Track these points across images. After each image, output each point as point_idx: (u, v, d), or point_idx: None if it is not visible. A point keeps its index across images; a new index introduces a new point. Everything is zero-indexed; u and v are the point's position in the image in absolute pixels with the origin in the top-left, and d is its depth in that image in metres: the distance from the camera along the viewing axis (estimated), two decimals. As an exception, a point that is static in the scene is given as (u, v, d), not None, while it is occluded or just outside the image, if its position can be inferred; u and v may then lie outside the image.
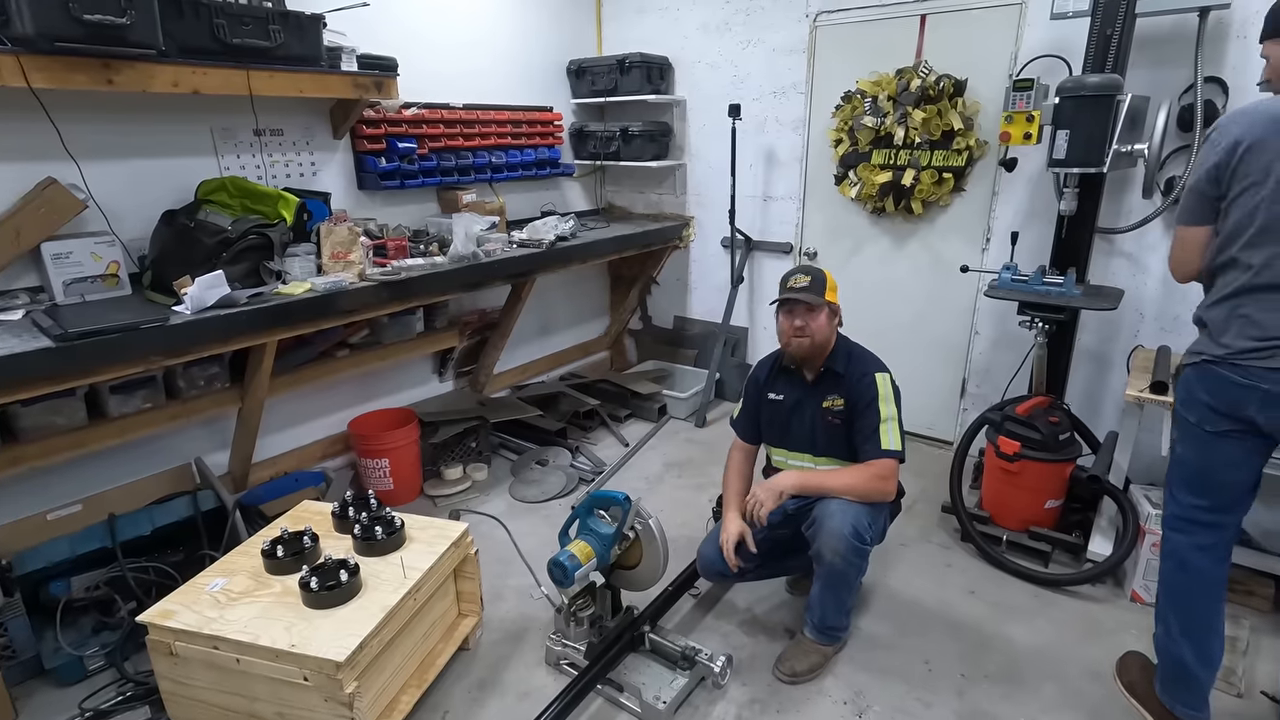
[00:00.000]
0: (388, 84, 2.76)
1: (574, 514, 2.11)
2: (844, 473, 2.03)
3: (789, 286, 2.08)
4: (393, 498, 3.06)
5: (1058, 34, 2.77)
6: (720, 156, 3.84)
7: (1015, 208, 3.11)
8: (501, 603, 2.46)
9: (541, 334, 4.25)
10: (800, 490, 2.02)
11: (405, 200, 3.34)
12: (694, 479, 3.35)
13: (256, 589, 1.88)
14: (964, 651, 2.20)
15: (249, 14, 2.27)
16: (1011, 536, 2.65)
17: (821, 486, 2.01)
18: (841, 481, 2.00)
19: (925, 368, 3.51)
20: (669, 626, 2.28)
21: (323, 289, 2.40)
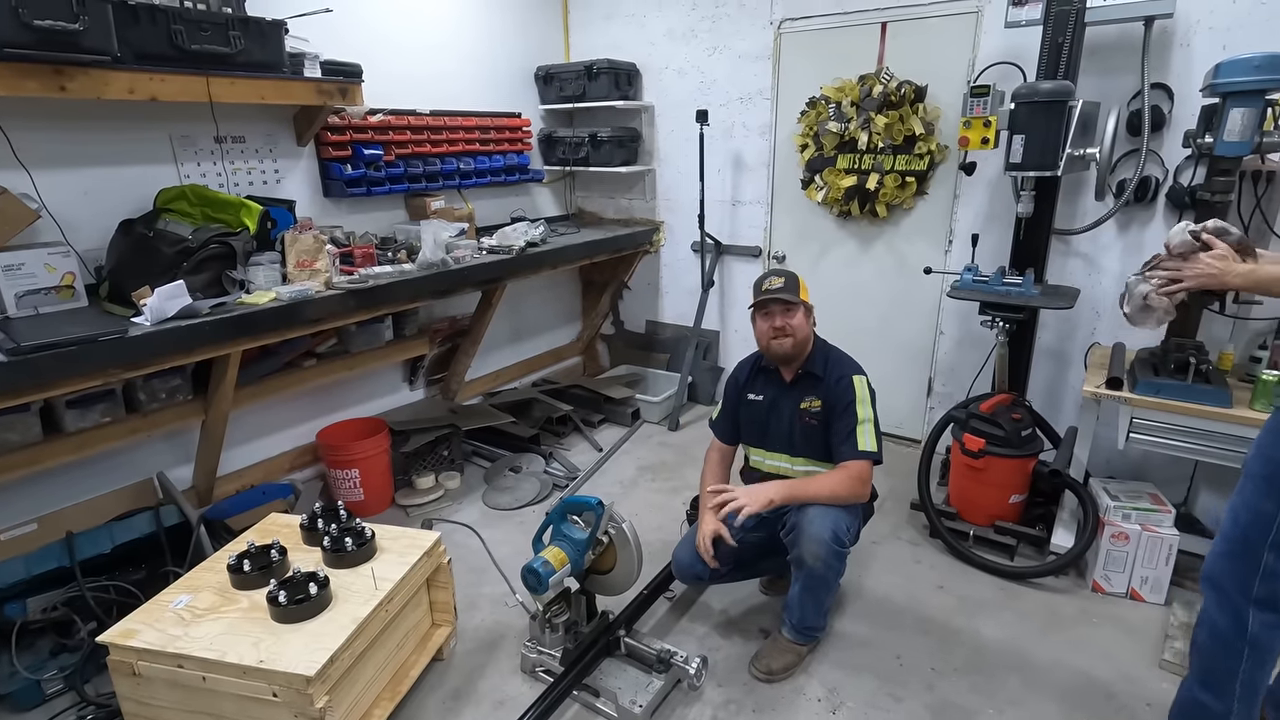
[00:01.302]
0: (352, 90, 2.74)
1: (547, 520, 2.11)
2: (824, 479, 2.05)
3: (764, 289, 2.11)
4: (364, 508, 3.02)
5: (1012, 42, 2.85)
6: (689, 162, 3.87)
7: (976, 210, 3.19)
8: (476, 611, 2.45)
9: (513, 340, 4.23)
10: (787, 500, 2.02)
11: (372, 207, 3.30)
12: (668, 482, 3.36)
13: (223, 605, 1.84)
14: (934, 646, 2.25)
15: (208, 20, 2.24)
16: (978, 531, 2.71)
17: (806, 495, 2.01)
18: (824, 488, 2.01)
19: (893, 368, 3.58)
20: (645, 630, 2.28)
21: (288, 298, 2.36)
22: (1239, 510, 1.55)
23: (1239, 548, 1.54)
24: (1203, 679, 1.66)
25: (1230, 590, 1.56)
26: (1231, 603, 1.56)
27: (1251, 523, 1.50)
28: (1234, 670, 1.58)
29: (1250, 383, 2.24)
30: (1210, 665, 1.64)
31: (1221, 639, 1.59)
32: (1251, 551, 1.51)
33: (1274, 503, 1.47)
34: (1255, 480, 1.51)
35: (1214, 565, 1.60)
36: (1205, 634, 1.64)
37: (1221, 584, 1.58)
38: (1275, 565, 1.49)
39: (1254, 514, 1.50)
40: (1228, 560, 1.56)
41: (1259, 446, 1.54)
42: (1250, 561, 1.52)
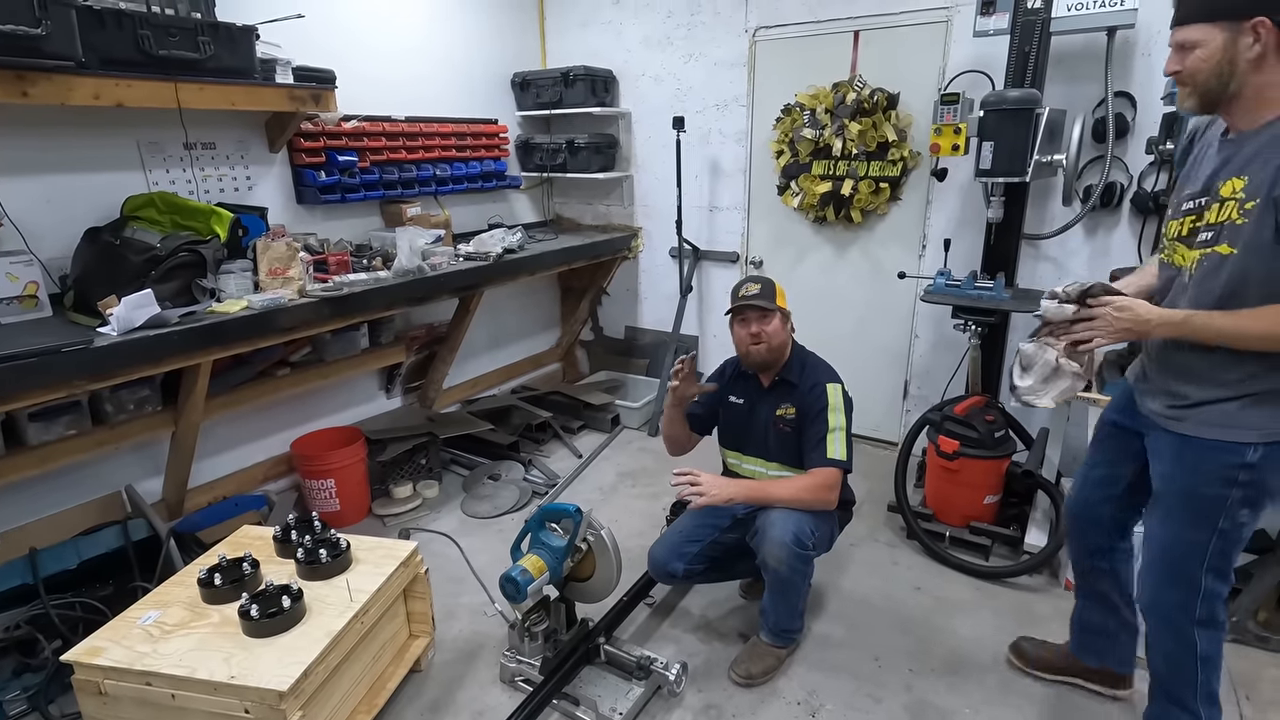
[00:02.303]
0: (325, 96, 2.71)
1: (525, 528, 2.10)
2: (788, 483, 2.07)
3: (741, 295, 2.12)
4: (340, 519, 2.98)
5: (981, 51, 2.91)
6: (666, 168, 3.89)
7: (948, 215, 3.24)
8: (454, 621, 2.42)
9: (492, 347, 4.21)
10: (748, 500, 2.05)
11: (347, 214, 3.27)
12: (648, 488, 3.36)
13: (193, 620, 1.80)
14: (911, 646, 2.27)
15: (176, 25, 2.20)
16: (954, 532, 2.75)
17: (767, 496, 2.04)
18: (786, 492, 2.03)
19: (869, 371, 3.62)
20: (624, 637, 2.28)
21: (260, 306, 2.33)
22: (1169, 544, 1.55)
23: (1176, 577, 1.55)
24: (1167, 695, 1.69)
25: (1175, 617, 1.58)
26: (1177, 627, 1.58)
27: (1186, 554, 1.52)
28: (1192, 683, 1.62)
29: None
30: (1170, 685, 1.68)
31: (1175, 661, 1.64)
32: (1189, 578, 1.53)
33: (1204, 532, 1.48)
34: (1178, 514, 1.52)
35: (1155, 596, 1.62)
36: (1160, 659, 1.68)
37: (1166, 613, 1.60)
38: (1213, 585, 1.52)
39: (1187, 545, 1.52)
40: (1168, 589, 1.58)
41: (1170, 480, 1.53)
42: (1189, 588, 1.53)
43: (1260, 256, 1.28)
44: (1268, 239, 1.26)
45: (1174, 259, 1.46)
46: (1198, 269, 1.38)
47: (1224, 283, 1.33)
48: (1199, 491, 1.46)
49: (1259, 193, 1.26)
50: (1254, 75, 1.26)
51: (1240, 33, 1.23)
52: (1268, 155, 1.26)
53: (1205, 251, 1.36)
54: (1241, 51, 1.24)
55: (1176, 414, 1.48)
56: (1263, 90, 1.27)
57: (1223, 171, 1.35)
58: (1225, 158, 1.36)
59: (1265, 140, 1.28)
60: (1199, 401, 1.43)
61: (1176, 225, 1.45)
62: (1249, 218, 1.28)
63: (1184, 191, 1.45)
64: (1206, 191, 1.38)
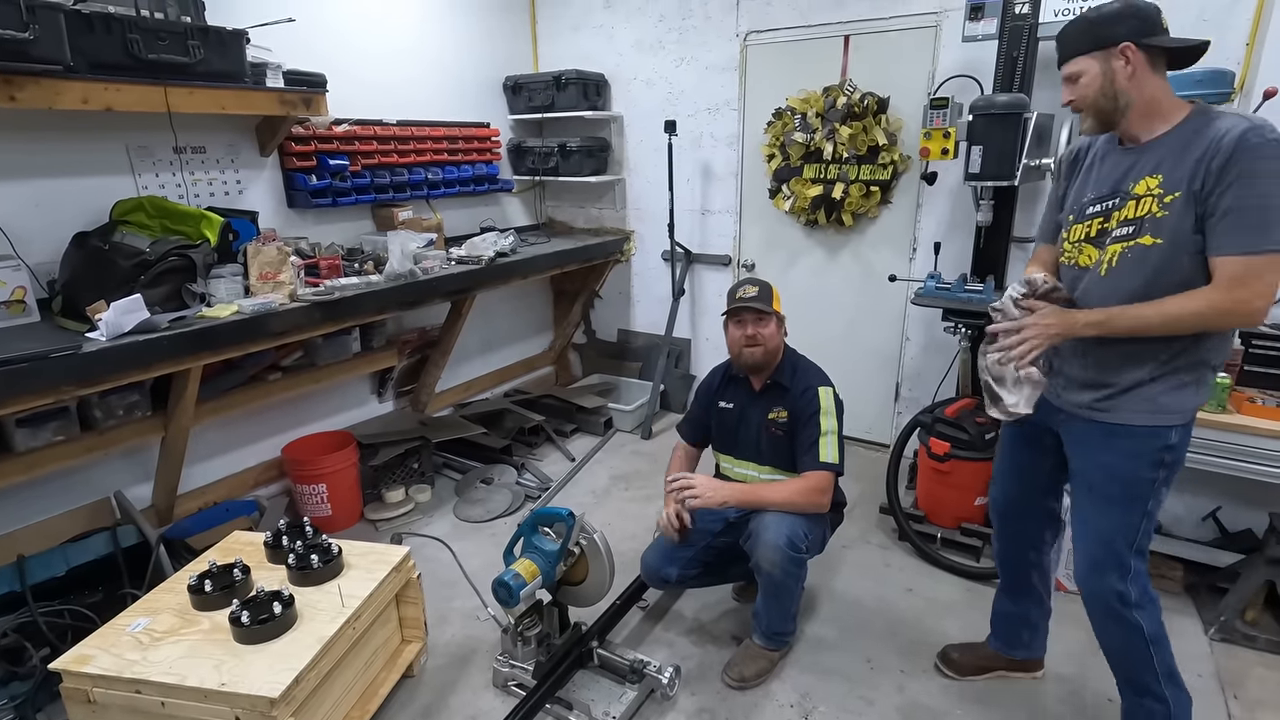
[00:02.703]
0: (317, 100, 2.71)
1: (518, 532, 2.09)
2: (781, 486, 2.07)
3: (738, 297, 2.13)
4: (331, 524, 2.97)
5: (970, 55, 2.93)
6: (658, 171, 3.90)
7: (938, 219, 3.26)
8: (447, 626, 2.42)
9: (484, 350, 4.20)
10: (741, 503, 2.07)
11: (338, 218, 3.26)
12: (641, 491, 3.36)
13: (183, 627, 1.79)
14: (903, 648, 2.28)
15: (165, 29, 2.20)
16: (945, 534, 2.76)
17: (760, 500, 2.05)
18: (778, 495, 2.04)
19: (861, 374, 3.63)
20: (618, 640, 2.28)
21: (251, 311, 2.32)
22: (1107, 530, 1.61)
23: (1113, 562, 1.61)
24: (1133, 688, 1.73)
25: (1114, 605, 1.63)
26: (1118, 615, 1.63)
27: (1119, 538, 1.59)
28: (1150, 666, 1.66)
29: (1200, 384, 2.32)
30: (1132, 675, 1.72)
31: (1127, 648, 1.68)
32: (1120, 562, 1.60)
33: (1136, 514, 1.57)
34: (1116, 499, 1.59)
35: (1097, 585, 1.64)
36: (1114, 652, 1.71)
37: (1108, 602, 1.64)
38: (1138, 565, 1.61)
39: (1121, 528, 1.59)
40: (1108, 575, 1.62)
41: (1106, 468, 1.59)
42: (1122, 571, 1.60)
43: (1182, 246, 1.41)
44: (1188, 229, 1.39)
45: (1080, 260, 1.58)
46: (1118, 261, 1.49)
47: (1151, 270, 1.44)
48: (1134, 475, 1.55)
49: (1178, 187, 1.39)
50: (1137, 91, 1.43)
51: (1113, 57, 1.41)
52: (1178, 156, 1.41)
53: (1127, 245, 1.47)
54: (1118, 73, 1.42)
55: (1104, 404, 1.56)
56: (1151, 103, 1.44)
57: (1131, 174, 1.48)
58: (1131, 163, 1.49)
59: (1171, 144, 1.43)
60: (1125, 388, 1.53)
61: (1082, 229, 1.58)
62: (1170, 210, 1.41)
63: (1084, 199, 1.58)
64: (1115, 194, 1.51)
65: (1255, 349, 2.35)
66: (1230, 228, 1.34)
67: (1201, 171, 1.36)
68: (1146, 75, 1.42)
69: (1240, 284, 1.34)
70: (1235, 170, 1.32)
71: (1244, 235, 1.33)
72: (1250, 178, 1.31)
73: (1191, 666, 2.17)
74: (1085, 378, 1.59)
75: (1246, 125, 1.34)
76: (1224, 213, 1.35)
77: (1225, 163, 1.33)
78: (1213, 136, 1.36)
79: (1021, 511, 1.93)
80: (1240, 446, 2.19)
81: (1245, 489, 2.47)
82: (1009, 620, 2.09)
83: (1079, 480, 1.68)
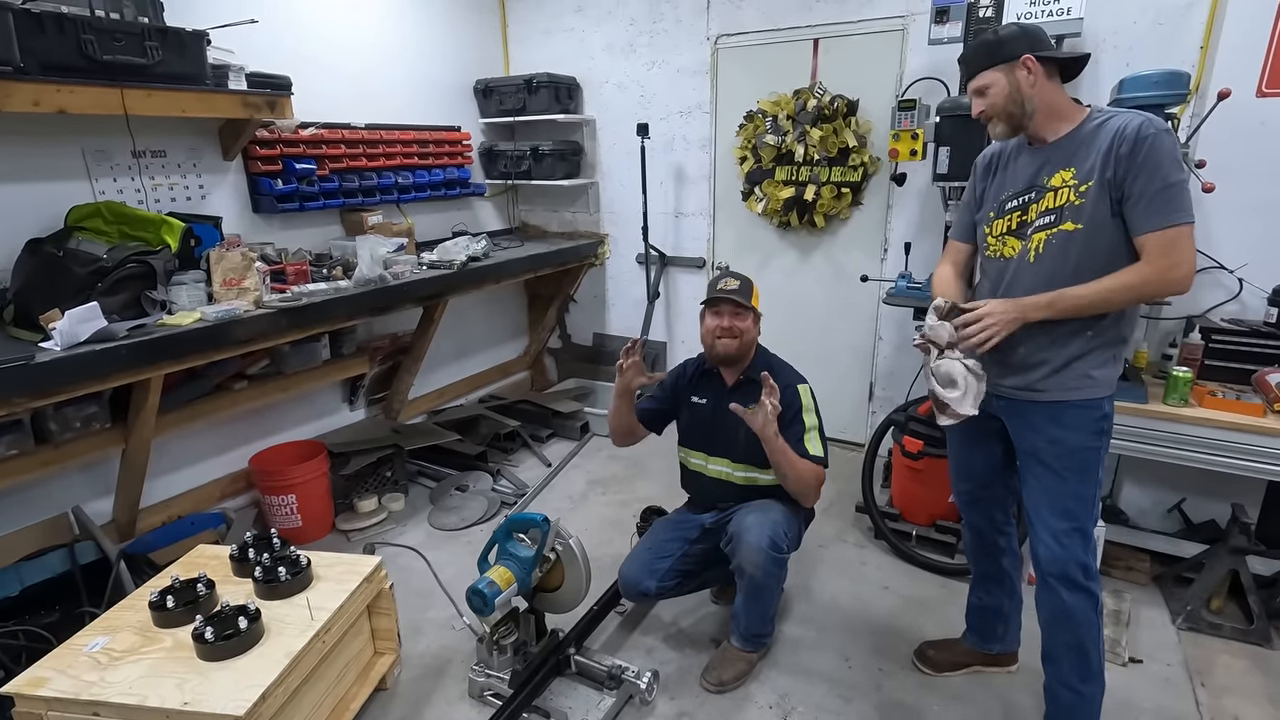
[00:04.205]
0: (281, 103, 2.66)
1: (493, 538, 2.06)
2: (801, 461, 2.03)
3: (719, 288, 2.13)
4: (301, 535, 2.90)
5: (936, 58, 2.97)
6: (631, 174, 3.89)
7: (908, 220, 3.30)
8: (421, 637, 2.37)
9: (458, 356, 4.16)
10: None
11: (306, 223, 3.20)
12: (618, 495, 3.34)
13: (144, 645, 1.73)
14: (881, 646, 2.29)
15: (122, 30, 2.14)
16: (920, 531, 2.78)
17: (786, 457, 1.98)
18: (800, 465, 2.00)
19: (836, 373, 3.66)
20: (595, 646, 2.26)
21: (214, 318, 2.26)
22: (1071, 505, 1.67)
23: (1078, 536, 1.68)
24: (1081, 675, 1.76)
25: (1077, 574, 1.68)
26: (1082, 585, 1.69)
27: (1081, 510, 1.68)
28: (1099, 641, 1.74)
29: (1163, 379, 2.37)
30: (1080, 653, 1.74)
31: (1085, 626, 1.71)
32: (1085, 534, 1.69)
33: (1091, 485, 1.68)
34: (1072, 473, 1.66)
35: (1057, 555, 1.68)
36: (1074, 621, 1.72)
37: (1070, 573, 1.68)
38: (1093, 535, 1.71)
39: (1081, 500, 1.67)
40: (1075, 550, 1.68)
41: (1057, 443, 1.67)
42: (1084, 540, 1.69)
43: (1103, 230, 1.54)
44: (1105, 214, 1.54)
45: (1004, 251, 1.70)
46: (1044, 248, 1.61)
47: (1077, 253, 1.57)
48: (1081, 445, 1.66)
49: (1091, 177, 1.54)
50: (1040, 97, 1.59)
51: (1016, 69, 1.58)
52: (1085, 151, 1.56)
53: (1050, 232, 1.60)
54: (1023, 82, 1.59)
55: (1042, 384, 1.66)
56: (1053, 107, 1.60)
57: (1045, 169, 1.62)
58: (1043, 161, 1.64)
59: (1077, 141, 1.58)
60: (1059, 366, 1.64)
61: (1003, 223, 1.70)
62: (1086, 198, 1.55)
63: (1003, 195, 1.71)
64: (1031, 188, 1.65)
65: (1215, 344, 2.41)
66: (1146, 209, 1.49)
67: (1112, 160, 1.51)
68: (1045, 83, 1.59)
69: (1165, 254, 1.49)
70: (1141, 156, 1.48)
71: (1160, 213, 1.48)
72: (1155, 163, 1.47)
73: (1160, 656, 2.21)
74: (1019, 360, 1.68)
75: (1142, 119, 1.50)
76: (1138, 197, 1.50)
77: (1132, 149, 1.48)
78: (1116, 129, 1.52)
79: (989, 497, 1.98)
80: (1203, 439, 2.24)
81: (1209, 481, 2.53)
82: (983, 613, 2.12)
83: (1028, 459, 1.74)
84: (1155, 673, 2.15)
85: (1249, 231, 2.48)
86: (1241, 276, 2.51)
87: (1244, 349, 2.38)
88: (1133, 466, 2.79)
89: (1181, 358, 2.44)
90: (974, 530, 2.06)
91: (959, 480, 2.03)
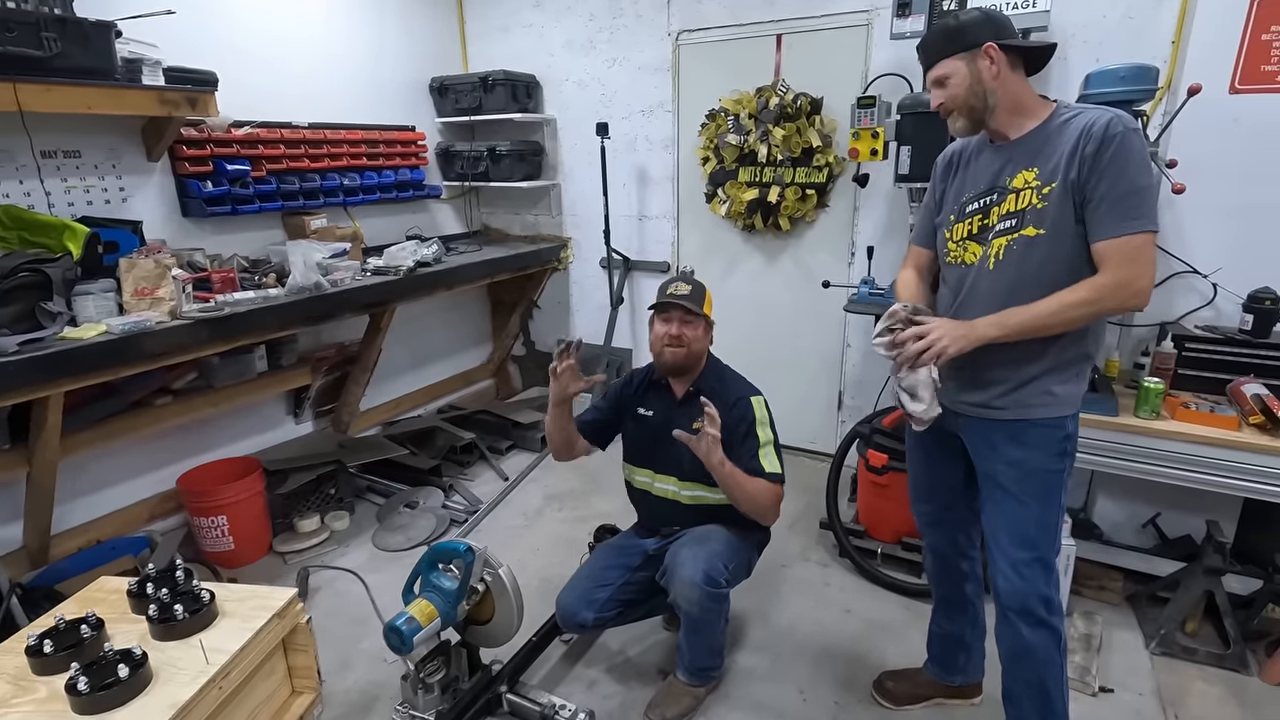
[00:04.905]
0: (204, 100, 2.50)
1: (415, 569, 1.91)
2: (753, 481, 1.89)
3: (669, 293, 2.00)
4: (234, 558, 2.74)
5: (900, 54, 2.85)
6: (594, 176, 3.75)
7: (875, 222, 3.18)
8: (349, 671, 2.22)
9: (416, 365, 4.00)
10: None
11: (242, 228, 3.04)
12: (575, 511, 3.20)
13: (14, 697, 1.56)
14: (838, 676, 2.15)
15: (14, 19, 1.98)
16: (885, 549, 2.66)
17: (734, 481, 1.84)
18: (751, 487, 1.86)
19: (804, 381, 3.53)
20: (534, 681, 2.11)
21: (121, 330, 2.10)
22: (1022, 530, 1.56)
23: (1032, 562, 1.56)
24: (1043, 717, 1.64)
25: (1038, 608, 1.57)
26: (1043, 620, 1.57)
27: (1042, 537, 1.56)
28: (1061, 680, 1.62)
29: (1135, 390, 2.25)
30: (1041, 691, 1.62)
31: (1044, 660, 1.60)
32: (1046, 563, 1.57)
33: (1054, 510, 1.57)
34: (1033, 496, 1.55)
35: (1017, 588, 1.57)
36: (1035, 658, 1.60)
37: (1031, 607, 1.57)
38: (1055, 566, 1.59)
39: (1042, 527, 1.56)
40: (1027, 578, 1.56)
41: (1018, 465, 1.55)
42: (1046, 572, 1.57)
43: (1066, 236, 1.43)
44: (1069, 219, 1.42)
45: (965, 257, 1.58)
46: (1005, 254, 1.49)
47: (1037, 260, 1.46)
48: (1042, 468, 1.55)
49: (1055, 178, 1.42)
50: (1003, 89, 1.47)
51: (978, 58, 1.46)
52: (1050, 150, 1.44)
53: (1011, 237, 1.48)
54: (984, 72, 1.46)
55: (1002, 401, 1.55)
56: (1016, 100, 1.49)
57: (1007, 170, 1.51)
58: (1005, 160, 1.52)
59: (1041, 139, 1.47)
60: (1020, 383, 1.52)
61: (963, 227, 1.58)
62: (1049, 201, 1.43)
63: (963, 197, 1.59)
64: (992, 190, 1.53)
65: (1188, 352, 2.29)
66: (1108, 213, 1.38)
67: (1077, 160, 1.39)
68: (1009, 74, 1.47)
69: (1126, 264, 1.38)
70: (1107, 156, 1.36)
71: (1122, 219, 1.37)
72: (1123, 163, 1.36)
73: (1132, 684, 2.09)
74: (978, 376, 1.57)
75: (1110, 115, 1.39)
76: (1100, 199, 1.38)
77: (1098, 148, 1.37)
78: (1082, 127, 1.40)
79: (951, 519, 1.86)
80: (1175, 454, 2.12)
81: (1184, 495, 2.41)
82: (944, 642, 1.99)
83: (987, 481, 1.63)
84: (1126, 703, 2.02)
85: (1222, 234, 2.37)
86: (1215, 281, 2.40)
87: (1218, 358, 2.27)
88: (1106, 479, 2.67)
89: (1154, 367, 2.32)
90: (935, 553, 1.93)
91: (919, 501, 1.91)
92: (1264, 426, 2.03)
